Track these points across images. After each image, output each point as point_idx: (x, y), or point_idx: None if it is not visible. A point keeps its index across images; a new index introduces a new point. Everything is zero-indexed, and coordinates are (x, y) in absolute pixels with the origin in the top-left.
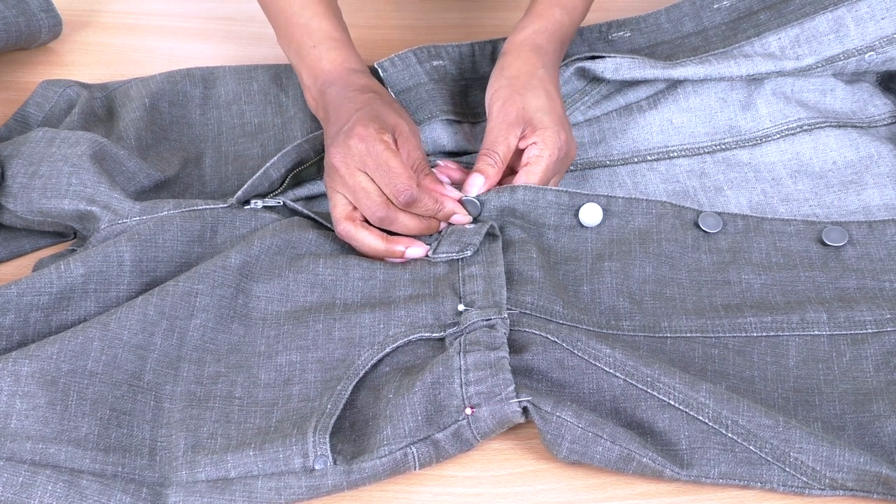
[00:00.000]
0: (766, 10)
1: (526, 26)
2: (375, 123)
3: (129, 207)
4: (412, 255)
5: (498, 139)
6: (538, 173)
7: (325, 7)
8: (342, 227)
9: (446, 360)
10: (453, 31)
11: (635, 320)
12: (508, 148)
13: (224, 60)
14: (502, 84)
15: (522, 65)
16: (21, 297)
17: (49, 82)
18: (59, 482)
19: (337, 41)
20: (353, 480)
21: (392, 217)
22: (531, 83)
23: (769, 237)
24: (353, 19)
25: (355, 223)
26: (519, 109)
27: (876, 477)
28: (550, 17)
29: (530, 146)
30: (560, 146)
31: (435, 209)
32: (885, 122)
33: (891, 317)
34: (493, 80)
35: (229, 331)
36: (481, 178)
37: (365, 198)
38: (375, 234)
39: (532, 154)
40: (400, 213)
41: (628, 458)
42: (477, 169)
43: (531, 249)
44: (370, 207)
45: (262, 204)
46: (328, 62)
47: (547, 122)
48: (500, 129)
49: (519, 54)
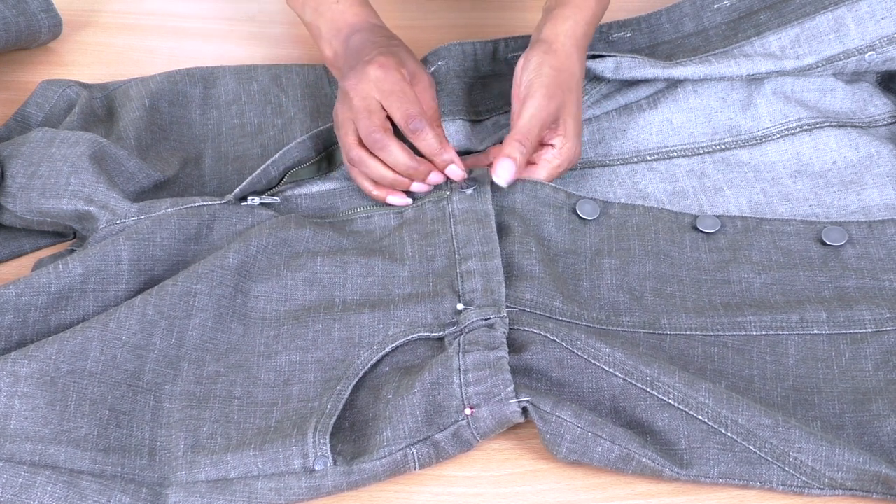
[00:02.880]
0: (767, 10)
1: (568, 16)
2: (396, 58)
3: (128, 207)
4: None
5: (534, 129)
6: (543, 176)
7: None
8: (354, 154)
9: (445, 360)
10: (455, 30)
11: (635, 316)
12: (538, 140)
13: (224, 60)
14: (545, 72)
15: (566, 59)
16: (20, 297)
17: (49, 82)
18: (59, 483)
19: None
20: (353, 481)
21: (386, 142)
22: (572, 84)
23: (769, 237)
24: None
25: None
26: (559, 106)
27: (875, 476)
28: (588, 8)
29: (547, 147)
30: (572, 160)
31: (436, 148)
32: (885, 122)
33: (890, 316)
34: (534, 63)
35: (228, 330)
36: (512, 165)
37: (366, 118)
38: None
39: (545, 156)
40: (394, 142)
41: (628, 457)
42: (507, 154)
43: (530, 242)
44: (367, 127)
45: (259, 201)
46: (352, 15)
47: (572, 132)
48: (538, 118)
49: (562, 46)
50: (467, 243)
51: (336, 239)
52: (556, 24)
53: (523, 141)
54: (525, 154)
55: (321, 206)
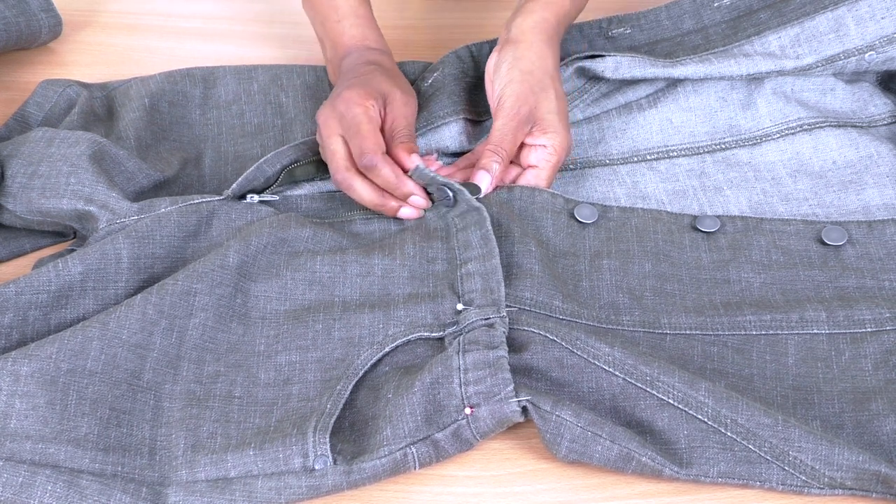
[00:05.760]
0: (767, 9)
1: (534, 10)
2: (363, 89)
3: (127, 207)
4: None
5: (506, 137)
6: (546, 177)
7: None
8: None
9: (445, 359)
10: (455, 30)
11: (635, 315)
12: (514, 146)
13: (224, 60)
14: (515, 77)
15: (536, 58)
16: (20, 296)
17: (49, 82)
18: (59, 482)
19: (360, 18)
20: (353, 480)
21: (349, 182)
22: (544, 82)
23: (769, 236)
24: None
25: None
26: (532, 108)
27: (875, 475)
28: (559, 3)
29: (538, 147)
30: (566, 149)
31: (393, 183)
32: (885, 122)
33: (890, 316)
34: (504, 68)
35: (228, 330)
36: (488, 176)
37: (331, 158)
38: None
39: (541, 157)
40: (357, 180)
41: (628, 457)
42: (482, 166)
43: (530, 242)
44: (333, 167)
45: (259, 199)
46: (349, 38)
47: (557, 125)
48: (509, 126)
49: (531, 44)
50: (467, 248)
51: (336, 239)
52: (523, 19)
53: (497, 151)
54: (501, 163)
55: (321, 208)
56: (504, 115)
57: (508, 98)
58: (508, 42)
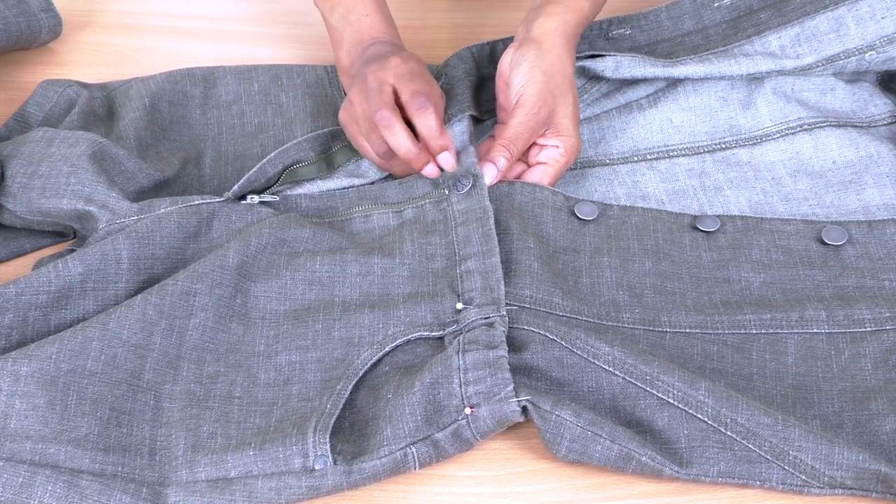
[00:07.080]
0: (767, 9)
1: (556, 12)
2: (417, 58)
3: (128, 207)
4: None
5: (521, 136)
6: (552, 176)
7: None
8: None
9: (445, 359)
10: (455, 30)
11: (635, 313)
12: (526, 146)
13: (224, 60)
14: (537, 77)
15: (557, 61)
16: (20, 297)
17: (49, 82)
18: (59, 482)
19: (386, 17)
20: (353, 480)
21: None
22: (564, 86)
23: (769, 236)
24: None
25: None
26: (550, 111)
27: (875, 475)
28: (579, 8)
29: (550, 147)
30: (576, 154)
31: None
32: (886, 122)
33: (889, 315)
34: (525, 66)
35: (228, 330)
36: (494, 169)
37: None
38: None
39: (551, 156)
40: (399, 121)
41: (627, 456)
42: (490, 158)
43: (528, 239)
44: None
45: (259, 199)
46: (378, 31)
47: (571, 129)
48: (527, 126)
49: (553, 46)
50: (467, 244)
51: (335, 239)
52: (545, 20)
53: (509, 147)
54: (510, 159)
55: (320, 206)
56: (523, 113)
57: (530, 97)
58: (529, 41)
